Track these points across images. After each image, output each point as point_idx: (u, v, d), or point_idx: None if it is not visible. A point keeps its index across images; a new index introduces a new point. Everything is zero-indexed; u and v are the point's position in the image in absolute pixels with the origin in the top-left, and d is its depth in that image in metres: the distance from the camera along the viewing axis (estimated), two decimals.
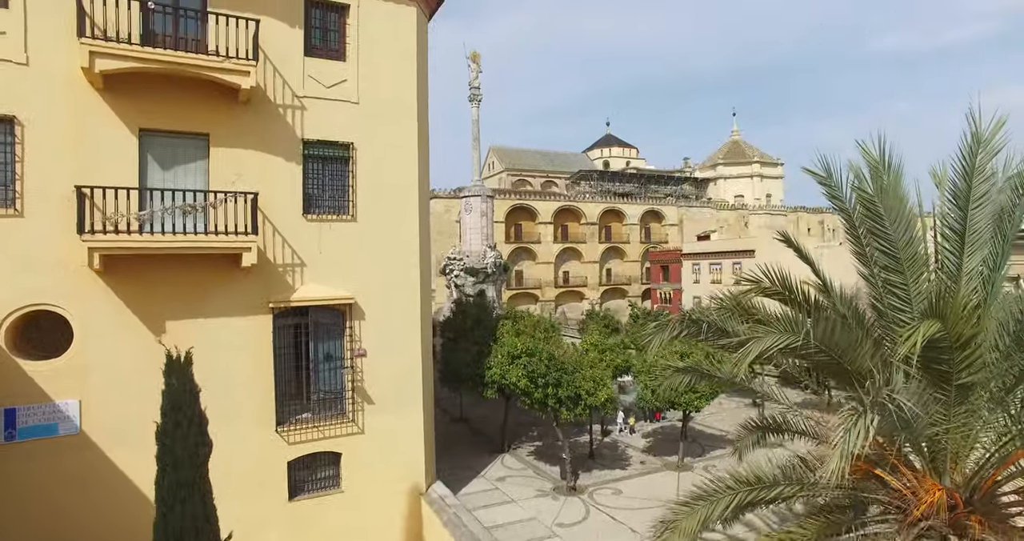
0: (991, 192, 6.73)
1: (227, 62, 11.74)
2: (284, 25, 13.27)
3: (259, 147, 12.91)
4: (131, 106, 11.71)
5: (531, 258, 66.92)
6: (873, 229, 6.77)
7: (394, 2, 14.69)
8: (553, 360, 16.08)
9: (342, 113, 13.86)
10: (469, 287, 41.18)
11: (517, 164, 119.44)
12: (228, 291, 12.54)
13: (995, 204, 6.76)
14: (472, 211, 41.35)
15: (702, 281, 57.96)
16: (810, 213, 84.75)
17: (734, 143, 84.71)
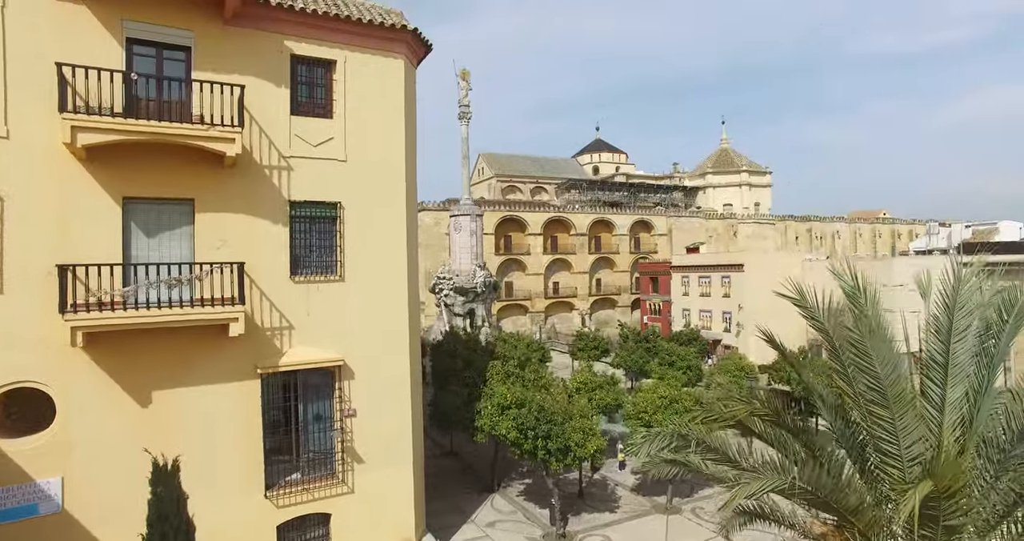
0: (972, 326, 6.77)
1: (212, 130, 11.59)
2: (270, 84, 13.12)
3: (245, 210, 12.76)
4: (114, 175, 11.53)
5: (521, 269, 66.88)
6: (860, 366, 6.78)
7: (381, 55, 14.57)
8: (543, 412, 16.04)
9: (329, 172, 13.74)
10: (459, 306, 41.12)
11: (506, 170, 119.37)
12: (215, 358, 12.39)
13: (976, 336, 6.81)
14: (461, 230, 41.23)
15: (691, 293, 58.26)
16: (798, 221, 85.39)
17: (723, 151, 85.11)
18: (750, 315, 52.37)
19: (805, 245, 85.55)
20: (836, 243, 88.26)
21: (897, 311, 35.03)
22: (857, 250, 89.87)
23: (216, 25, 12.51)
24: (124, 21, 11.73)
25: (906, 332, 7.81)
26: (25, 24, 10.90)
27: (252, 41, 12.97)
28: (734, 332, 53.51)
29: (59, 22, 11.15)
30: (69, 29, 11.22)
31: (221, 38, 12.60)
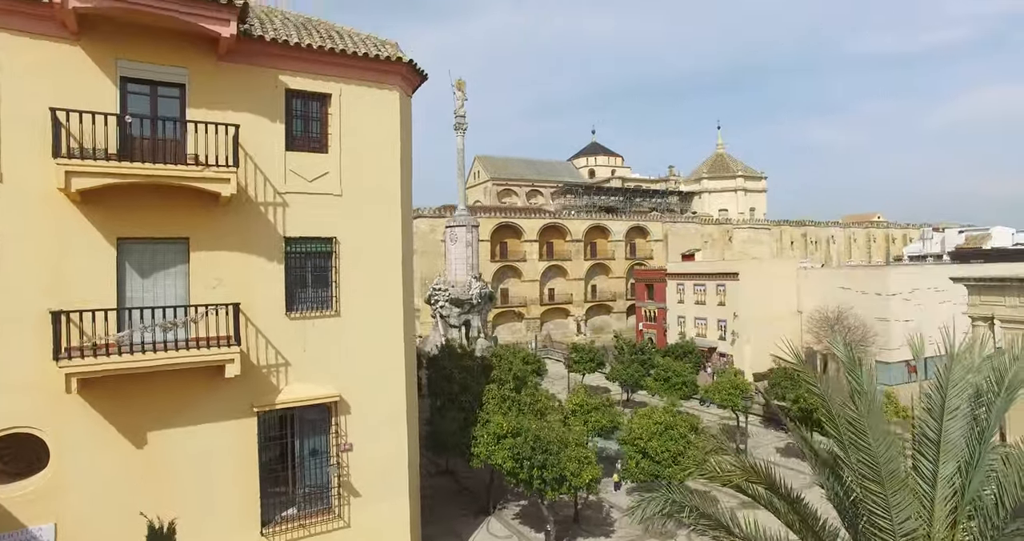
0: (962, 406, 6.81)
1: (207, 171, 11.54)
2: (265, 120, 13.08)
3: (240, 248, 12.72)
4: (109, 216, 11.48)
5: (516, 276, 66.87)
6: (856, 443, 6.76)
7: (376, 88, 14.54)
8: (539, 441, 16.05)
9: (325, 207, 13.70)
10: (454, 318, 41.11)
11: (502, 173, 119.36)
12: (211, 397, 12.35)
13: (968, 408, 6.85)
14: (457, 241, 41.23)
15: (687, 301, 58.35)
16: (793, 226, 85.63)
17: (718, 156, 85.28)
18: (745, 323, 52.55)
19: (800, 250, 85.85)
20: (831, 247, 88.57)
21: (891, 320, 35.71)
22: (852, 255, 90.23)
23: (210, 62, 12.48)
24: (118, 60, 11.68)
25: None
26: (19, 65, 10.84)
27: (247, 77, 12.93)
28: (729, 340, 53.65)
29: (53, 63, 11.11)
30: (63, 69, 11.18)
31: (215, 74, 12.56)
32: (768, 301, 53.53)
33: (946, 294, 51.72)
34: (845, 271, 52.44)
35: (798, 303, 55.10)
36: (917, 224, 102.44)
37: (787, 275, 55.20)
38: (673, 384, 28.89)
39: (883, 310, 48.73)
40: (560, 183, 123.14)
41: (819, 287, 53.59)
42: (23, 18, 10.85)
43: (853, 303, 50.01)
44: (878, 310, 48.94)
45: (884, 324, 48.58)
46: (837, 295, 51.56)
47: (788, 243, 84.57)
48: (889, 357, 48.77)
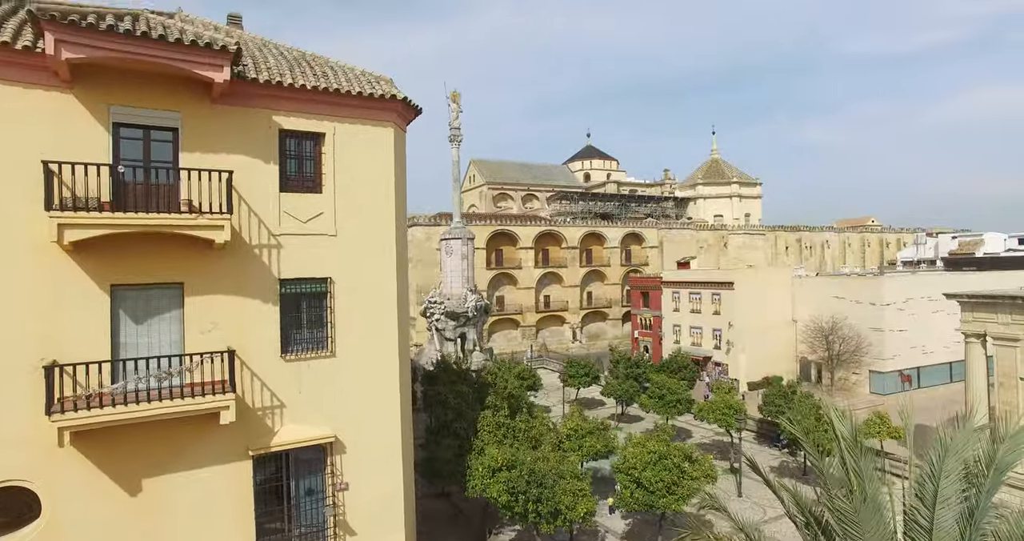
0: (952, 496, 6.83)
1: (201, 218, 11.51)
2: (259, 161, 13.04)
3: (235, 292, 12.69)
4: (102, 264, 11.42)
5: (512, 283, 66.89)
6: (850, 535, 6.78)
7: (371, 125, 14.53)
8: (534, 474, 16.07)
9: (319, 247, 13.68)
10: (450, 331, 41.10)
11: (497, 178, 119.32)
12: (206, 442, 12.31)
13: None
14: (453, 254, 41.21)
15: (682, 309, 58.52)
16: (788, 232, 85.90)
17: (713, 162, 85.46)
18: (740, 333, 52.70)
19: (795, 255, 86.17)
20: (825, 252, 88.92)
21: (885, 330, 35.96)
22: (846, 259, 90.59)
23: (204, 104, 12.43)
24: (111, 107, 11.63)
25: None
26: (11, 114, 10.79)
27: (240, 118, 12.90)
28: (724, 350, 53.82)
29: (46, 111, 11.04)
30: (56, 117, 11.11)
31: (209, 117, 12.52)
32: (763, 310, 53.74)
33: (939, 304, 51.97)
34: (839, 280, 52.61)
35: (793, 311, 55.30)
36: (911, 228, 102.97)
37: (782, 283, 55.42)
38: (668, 402, 28.95)
39: (877, 320, 48.97)
40: (556, 187, 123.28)
41: (814, 296, 53.81)
42: (16, 68, 10.78)
43: (847, 312, 50.24)
44: (872, 320, 49.18)
45: (878, 334, 48.82)
46: (831, 304, 51.77)
47: (783, 248, 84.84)
48: (883, 367, 49.01)
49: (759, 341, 53.02)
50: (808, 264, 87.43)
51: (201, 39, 11.50)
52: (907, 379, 50.28)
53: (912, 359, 50.21)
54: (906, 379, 50.24)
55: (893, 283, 49.53)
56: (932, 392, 50.94)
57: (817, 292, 53.62)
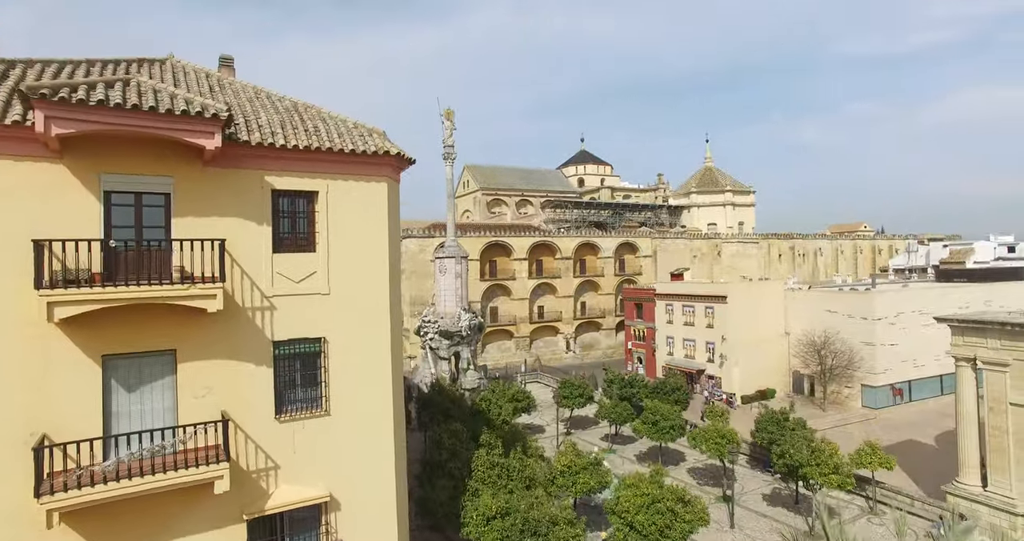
0: None
1: (193, 288, 11.44)
2: (252, 223, 12.97)
3: (228, 356, 12.62)
4: (93, 335, 11.34)
5: (506, 294, 66.87)
6: None
7: (364, 180, 14.47)
8: (528, 523, 16.08)
9: (313, 307, 13.62)
10: (444, 350, 41.07)
11: (491, 183, 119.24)
12: (200, 509, 12.23)
13: None
14: (447, 273, 41.15)
15: (675, 322, 58.66)
16: (781, 239, 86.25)
17: (707, 170, 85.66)
18: (733, 346, 52.92)
19: (788, 263, 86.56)
20: (818, 260, 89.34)
21: (877, 344, 36.39)
22: (839, 267, 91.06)
23: (195, 168, 12.35)
24: (101, 175, 11.55)
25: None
26: (0, 187, 10.69)
27: (233, 180, 12.83)
28: (718, 363, 54.02)
29: (35, 183, 10.94)
30: (46, 189, 11.01)
31: (201, 180, 12.44)
32: (756, 323, 53.97)
33: (930, 317, 52.41)
34: (831, 294, 52.86)
35: (786, 324, 55.55)
36: (903, 234, 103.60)
37: (774, 296, 55.65)
38: (661, 428, 29.04)
39: (869, 334, 49.27)
40: (550, 192, 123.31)
41: (806, 309, 54.08)
42: (4, 141, 10.69)
43: (839, 326, 50.53)
44: (864, 334, 49.46)
45: (870, 348, 49.13)
46: (824, 318, 52.05)
47: (776, 256, 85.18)
48: (875, 381, 49.32)
49: (752, 354, 53.26)
50: (801, 271, 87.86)
51: (192, 107, 11.46)
52: (899, 393, 50.63)
53: (903, 372, 50.55)
54: (897, 393, 50.59)
55: (884, 298, 49.82)
56: (923, 405, 51.35)
57: (809, 306, 53.87)
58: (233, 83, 16.15)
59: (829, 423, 47.13)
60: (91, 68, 14.03)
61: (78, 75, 13.25)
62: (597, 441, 37.15)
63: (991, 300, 56.42)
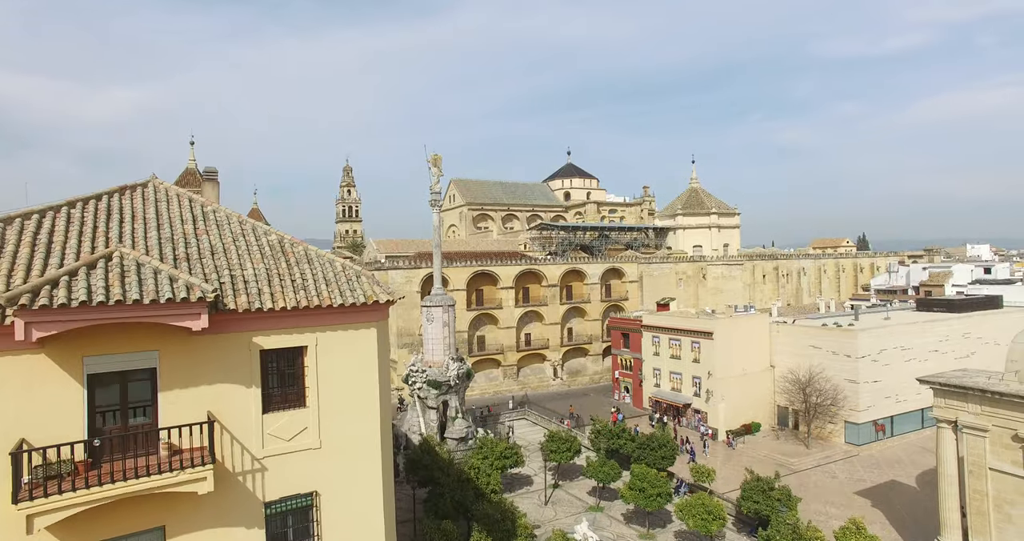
0: None
1: (182, 474, 11.25)
2: (240, 387, 12.76)
3: (219, 524, 12.42)
4: (76, 530, 11.09)
5: (493, 323, 66.80)
6: None
7: (353, 329, 14.31)
8: None
9: (304, 463, 13.45)
10: (432, 399, 40.91)
11: (478, 197, 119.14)
12: None
13: None
14: (434, 321, 40.95)
15: (662, 353, 58.97)
16: (764, 260, 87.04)
17: (693, 191, 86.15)
18: (719, 382, 53.31)
19: (772, 283, 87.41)
20: (802, 279, 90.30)
21: (860, 382, 37.00)
22: (821, 287, 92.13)
23: (181, 338, 12.12)
24: (85, 358, 11.28)
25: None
26: None
27: (220, 345, 12.60)
28: (704, 398, 54.39)
29: (15, 375, 10.66)
30: (25, 382, 10.73)
31: (187, 350, 12.21)
32: (742, 357, 54.44)
33: (912, 352, 53.29)
34: (815, 330, 53.41)
35: (771, 357, 56.08)
36: (884, 240, 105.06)
37: (760, 330, 56.14)
38: (648, 495, 29.18)
39: (852, 372, 49.88)
40: (535, 206, 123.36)
41: (791, 343, 54.61)
42: None
43: (823, 363, 51.12)
44: (848, 372, 50.07)
45: (853, 386, 49.75)
46: (808, 354, 52.63)
47: (760, 277, 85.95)
48: (857, 418, 49.98)
49: (738, 388, 53.72)
50: (785, 292, 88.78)
51: (177, 290, 11.23)
52: (881, 428, 51.37)
53: (886, 408, 51.29)
54: (880, 428, 51.32)
55: (868, 336, 50.45)
56: (905, 440, 52.20)
57: (794, 340, 54.43)
58: (217, 211, 15.89)
59: (813, 461, 47.74)
60: (72, 212, 13.73)
61: (57, 231, 12.93)
62: (584, 496, 37.24)
63: (969, 332, 57.49)
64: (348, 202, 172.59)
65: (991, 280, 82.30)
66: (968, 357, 56.64)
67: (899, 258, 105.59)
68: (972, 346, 57.15)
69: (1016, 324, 61.23)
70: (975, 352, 57.08)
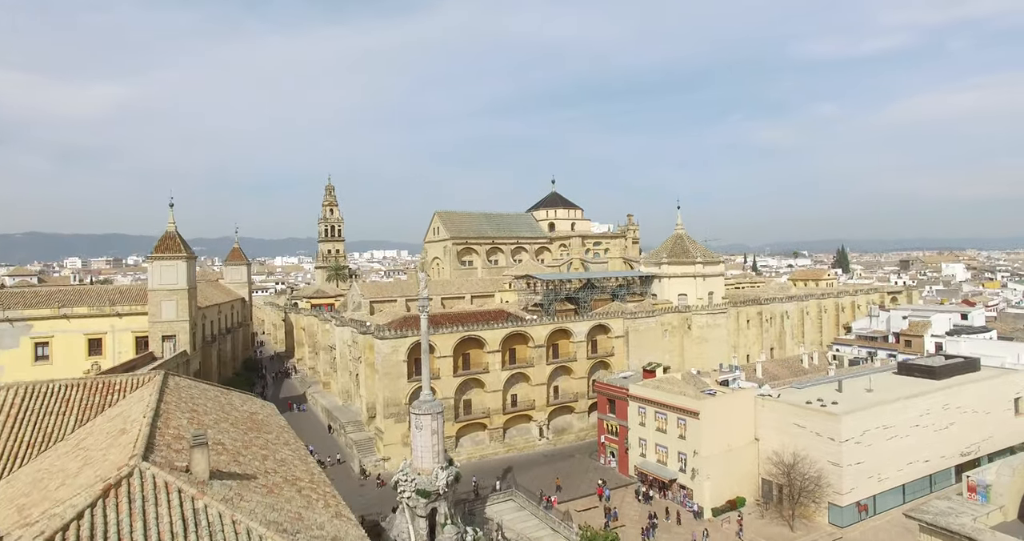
0: None
1: None
2: None
3: None
4: None
5: (479, 386, 66.58)
6: None
7: None
8: None
9: None
10: (421, 508, 40.54)
11: (462, 231, 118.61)
12: None
13: None
14: (423, 429, 40.56)
15: (648, 425, 59.20)
16: (748, 305, 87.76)
17: (678, 238, 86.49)
18: (705, 460, 53.66)
19: (756, 328, 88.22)
20: (785, 323, 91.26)
21: (844, 465, 37.39)
22: (804, 329, 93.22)
23: None
24: None
25: None
26: None
27: None
28: (689, 475, 54.74)
29: None
30: None
31: None
32: (727, 433, 54.87)
33: (894, 430, 54.09)
34: (800, 409, 53.88)
35: (756, 431, 56.58)
36: (866, 287, 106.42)
37: (745, 405, 56.59)
38: None
39: (836, 455, 50.47)
40: (520, 238, 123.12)
41: (776, 420, 55.09)
42: None
43: (808, 443, 51.68)
44: (831, 454, 50.65)
45: (836, 469, 50.36)
46: (793, 432, 53.18)
47: (744, 322, 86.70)
48: (841, 500, 50.61)
49: (723, 465, 54.13)
50: (768, 336, 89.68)
51: None
52: (863, 508, 52.12)
53: (868, 488, 52.01)
54: (863, 508, 52.07)
55: (851, 420, 51.04)
56: (887, 518, 52.99)
57: (779, 417, 54.94)
58: (209, 508, 15.39)
59: None
60: None
61: None
62: None
63: (948, 404, 58.43)
64: (331, 221, 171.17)
65: (967, 327, 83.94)
66: (947, 428, 57.76)
67: (879, 294, 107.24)
68: (951, 417, 58.16)
69: (991, 392, 62.59)
70: (954, 423, 58.17)
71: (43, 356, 61.51)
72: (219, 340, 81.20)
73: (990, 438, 61.06)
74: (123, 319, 63.80)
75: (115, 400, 27.39)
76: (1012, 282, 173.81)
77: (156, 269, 62.58)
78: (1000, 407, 62.71)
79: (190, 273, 64.64)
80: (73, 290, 65.95)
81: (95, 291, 66.25)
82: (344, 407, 75.96)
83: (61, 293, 64.70)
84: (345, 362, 76.44)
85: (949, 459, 57.79)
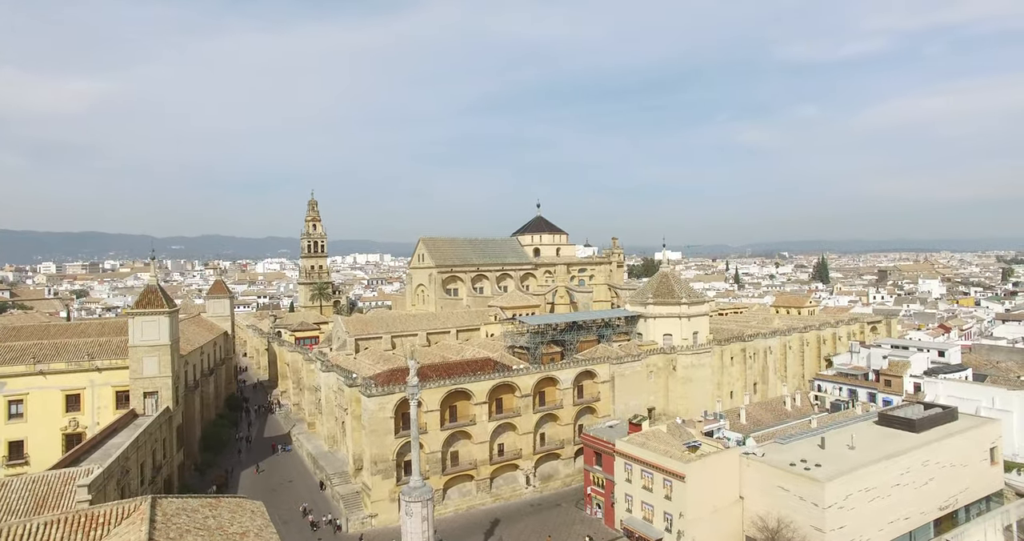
0: None
1: None
2: None
3: None
4: None
5: (467, 438, 66.50)
6: None
7: None
8: None
9: None
10: None
11: (447, 258, 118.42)
12: None
13: None
14: (414, 516, 40.56)
15: (634, 482, 59.60)
16: (732, 343, 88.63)
17: (663, 278, 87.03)
18: (691, 522, 54.17)
19: (740, 365, 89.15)
20: (768, 358, 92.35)
21: (827, 531, 37.93)
22: (787, 364, 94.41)
23: None
24: None
25: None
26: None
27: None
28: (675, 535, 55.23)
29: None
30: None
31: None
32: (712, 494, 55.45)
33: (876, 491, 55.05)
34: (783, 473, 54.53)
35: (740, 489, 57.22)
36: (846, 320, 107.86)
37: (730, 465, 57.17)
38: None
39: (819, 521, 51.18)
40: (505, 265, 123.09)
41: (760, 480, 55.72)
42: None
43: (791, 506, 52.37)
44: (815, 520, 51.35)
45: (819, 535, 51.16)
46: (777, 495, 53.85)
47: (728, 360, 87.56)
48: None
49: (708, 526, 54.70)
50: (751, 372, 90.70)
51: None
52: None
53: None
54: None
55: (834, 486, 51.78)
56: None
57: (763, 478, 55.60)
58: None
59: None
60: None
61: None
62: None
63: (928, 460, 59.55)
64: (314, 237, 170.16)
65: (945, 366, 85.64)
66: (927, 484, 58.89)
67: (859, 324, 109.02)
68: (931, 472, 59.29)
69: (968, 443, 63.90)
70: (933, 478, 59.32)
71: (17, 414, 60.21)
72: (201, 384, 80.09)
73: (967, 489, 62.46)
74: (103, 374, 62.76)
75: (99, 535, 26.87)
76: (985, 300, 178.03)
77: (137, 325, 61.43)
78: (977, 458, 64.13)
79: (172, 327, 63.60)
80: (50, 344, 64.51)
81: (73, 345, 64.88)
82: (330, 454, 75.43)
83: (37, 348, 63.31)
84: (331, 407, 75.88)
85: (928, 514, 58.95)
